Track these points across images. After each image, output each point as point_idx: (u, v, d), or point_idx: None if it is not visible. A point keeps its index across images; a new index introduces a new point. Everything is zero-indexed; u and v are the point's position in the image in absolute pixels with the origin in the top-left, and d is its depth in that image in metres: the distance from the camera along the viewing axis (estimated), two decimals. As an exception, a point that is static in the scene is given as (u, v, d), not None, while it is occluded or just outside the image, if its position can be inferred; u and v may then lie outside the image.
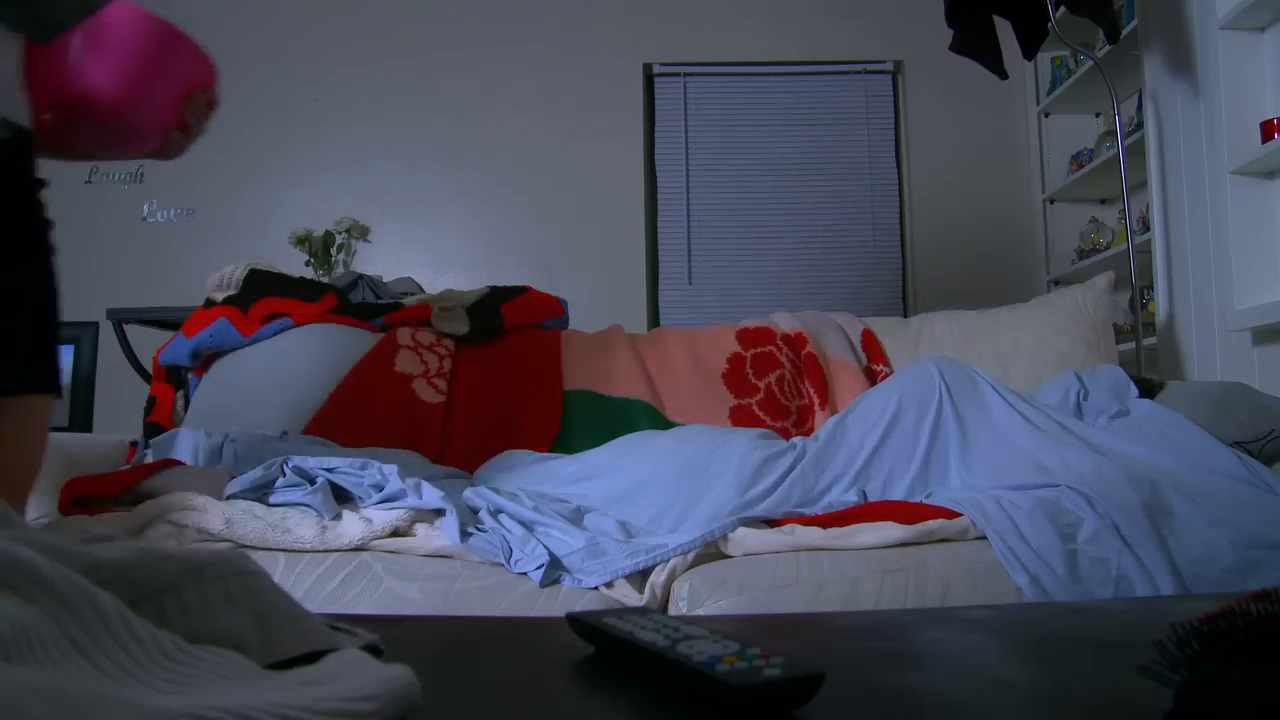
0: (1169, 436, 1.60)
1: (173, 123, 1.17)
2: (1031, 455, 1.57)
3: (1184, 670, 0.36)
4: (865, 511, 1.47)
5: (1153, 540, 1.32)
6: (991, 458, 1.62)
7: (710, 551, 1.41)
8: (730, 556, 1.40)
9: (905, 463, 1.68)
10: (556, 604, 1.29)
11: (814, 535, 1.40)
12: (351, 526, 1.44)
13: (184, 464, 1.70)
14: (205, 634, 0.40)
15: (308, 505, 1.48)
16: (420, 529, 1.46)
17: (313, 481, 1.53)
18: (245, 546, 1.38)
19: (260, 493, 1.52)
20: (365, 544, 1.41)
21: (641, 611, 0.57)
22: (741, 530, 1.41)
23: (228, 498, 1.50)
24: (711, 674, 0.44)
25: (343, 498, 1.55)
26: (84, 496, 1.55)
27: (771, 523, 1.46)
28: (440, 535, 1.43)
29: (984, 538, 1.37)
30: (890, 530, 1.38)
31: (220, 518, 1.40)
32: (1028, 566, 1.30)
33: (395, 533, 1.44)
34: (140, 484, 1.57)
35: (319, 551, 1.40)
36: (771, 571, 1.34)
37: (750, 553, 1.39)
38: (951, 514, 1.41)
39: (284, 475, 1.55)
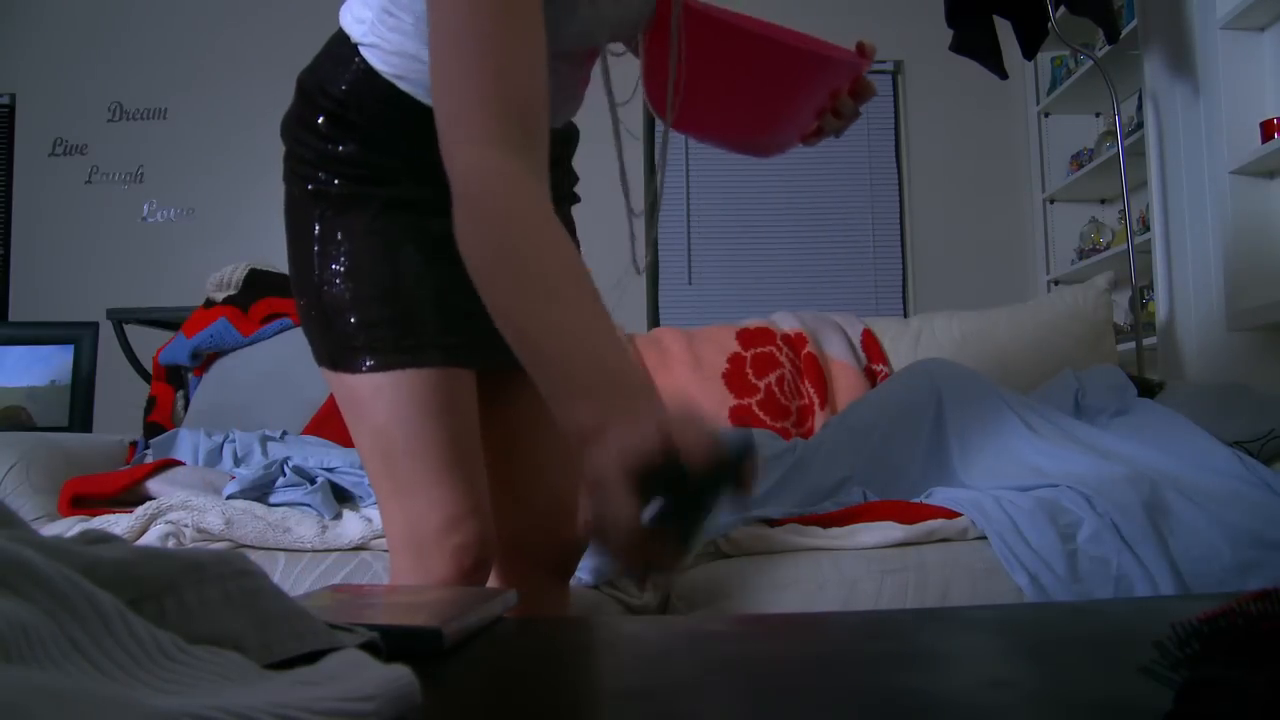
0: (1168, 436, 1.60)
1: (810, 132, 1.07)
2: (1029, 462, 1.57)
3: (1184, 670, 0.36)
4: (865, 511, 1.47)
5: (1153, 540, 1.32)
6: (989, 461, 1.62)
7: (710, 551, 1.41)
8: (730, 556, 1.40)
9: (904, 463, 1.68)
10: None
11: (814, 535, 1.40)
12: (352, 526, 1.44)
13: (184, 464, 1.70)
14: (205, 634, 0.40)
15: (308, 505, 1.48)
16: (420, 529, 1.46)
17: (313, 481, 1.53)
18: (245, 546, 1.38)
19: (260, 492, 1.52)
20: (366, 543, 1.41)
21: None
22: (741, 530, 1.41)
23: (227, 497, 1.50)
24: None
25: (343, 497, 1.55)
26: (84, 496, 1.55)
27: (771, 523, 1.46)
28: (440, 535, 1.42)
29: (984, 538, 1.37)
30: (890, 530, 1.38)
31: (220, 518, 1.40)
32: (1028, 566, 1.30)
33: (395, 533, 1.44)
34: (140, 484, 1.57)
35: (319, 551, 1.40)
36: (772, 571, 1.34)
37: (750, 553, 1.38)
38: (951, 514, 1.41)
39: (284, 475, 1.55)
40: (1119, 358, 2.27)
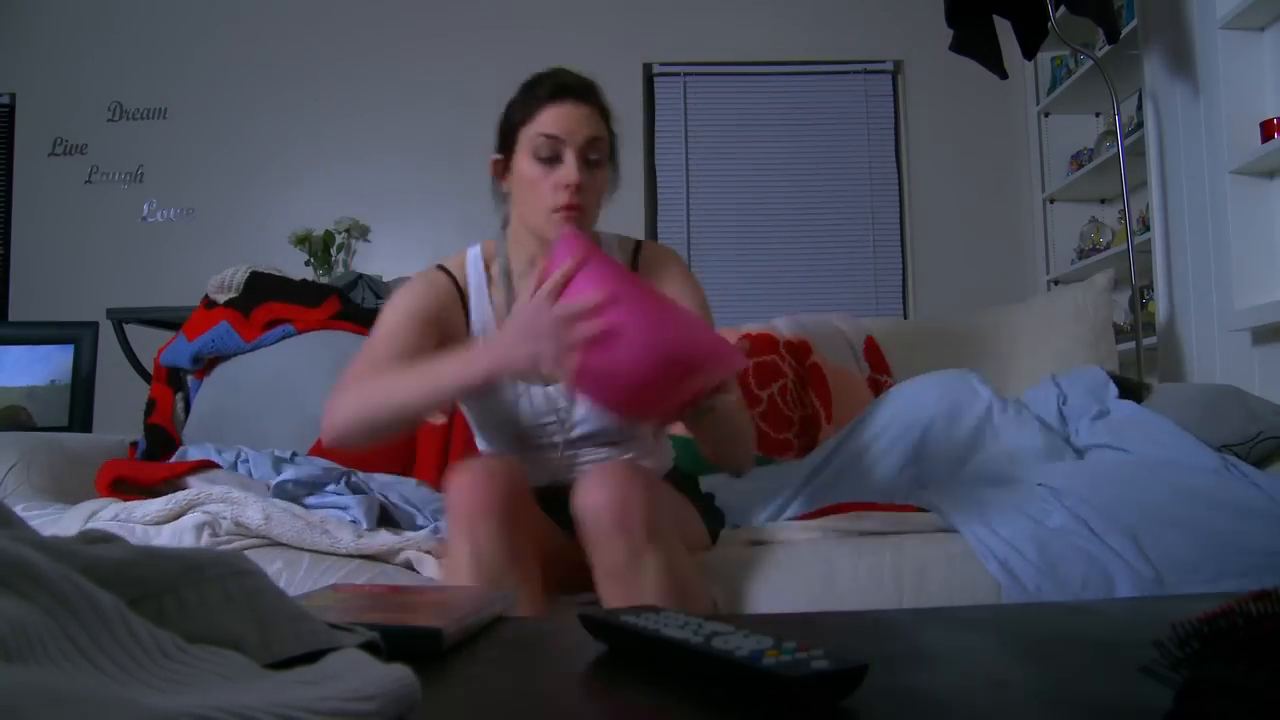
0: (1151, 438, 1.60)
1: (683, 408, 1.12)
2: (1027, 483, 1.57)
3: (1184, 670, 0.36)
4: (840, 509, 1.50)
5: (1130, 541, 1.33)
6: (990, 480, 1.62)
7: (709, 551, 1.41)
8: (729, 556, 1.40)
9: (900, 478, 1.69)
10: (556, 603, 1.29)
11: (796, 529, 1.43)
12: (385, 536, 1.42)
13: (222, 468, 1.69)
14: (205, 633, 0.40)
15: (345, 511, 1.46)
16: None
17: (363, 493, 1.52)
18: (279, 545, 1.37)
19: (309, 489, 1.51)
20: (392, 555, 1.39)
21: (655, 610, 0.57)
22: (737, 530, 1.42)
23: (276, 485, 1.51)
24: (759, 668, 0.44)
25: (386, 522, 1.53)
26: (124, 480, 1.56)
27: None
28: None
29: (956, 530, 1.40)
30: (865, 521, 1.42)
31: (260, 513, 1.38)
32: (996, 552, 1.32)
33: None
34: (181, 479, 1.57)
35: (347, 556, 1.38)
36: (772, 571, 1.34)
37: (747, 546, 1.39)
38: (923, 509, 1.45)
39: (337, 484, 1.54)
40: (1119, 358, 2.27)
